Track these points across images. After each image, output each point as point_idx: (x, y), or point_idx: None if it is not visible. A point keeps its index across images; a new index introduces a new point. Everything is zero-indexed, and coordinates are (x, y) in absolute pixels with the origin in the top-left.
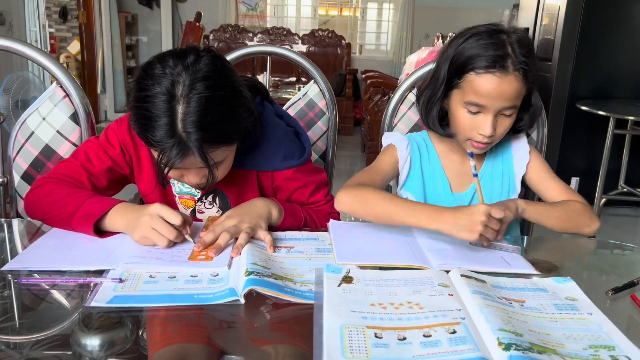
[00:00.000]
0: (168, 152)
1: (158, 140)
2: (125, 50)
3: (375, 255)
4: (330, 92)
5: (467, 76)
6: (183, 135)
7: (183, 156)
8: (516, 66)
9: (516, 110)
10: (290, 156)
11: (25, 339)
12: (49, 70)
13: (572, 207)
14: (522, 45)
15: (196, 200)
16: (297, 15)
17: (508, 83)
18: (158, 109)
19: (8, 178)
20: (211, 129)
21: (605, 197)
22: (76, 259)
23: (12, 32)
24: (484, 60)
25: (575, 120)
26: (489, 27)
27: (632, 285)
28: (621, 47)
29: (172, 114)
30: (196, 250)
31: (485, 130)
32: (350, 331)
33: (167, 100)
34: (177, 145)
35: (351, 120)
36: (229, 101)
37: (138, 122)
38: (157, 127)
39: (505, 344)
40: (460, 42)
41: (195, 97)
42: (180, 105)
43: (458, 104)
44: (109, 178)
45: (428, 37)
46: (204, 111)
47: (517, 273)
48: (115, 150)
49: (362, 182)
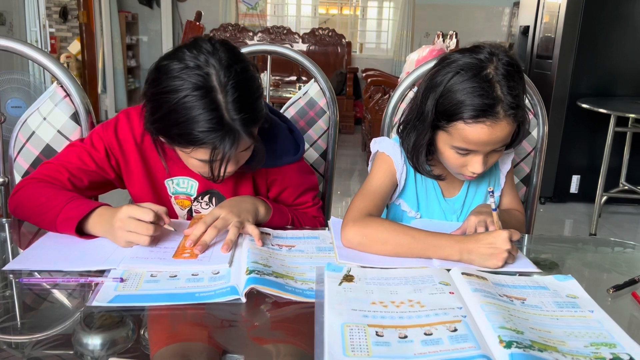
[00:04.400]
0: (220, 144)
1: (205, 138)
2: (126, 49)
3: (377, 257)
4: (331, 91)
5: (456, 124)
6: (231, 123)
7: (235, 144)
8: (507, 112)
9: (507, 144)
10: (285, 153)
11: (27, 339)
12: (49, 70)
13: (518, 219)
14: (510, 78)
15: (192, 200)
16: (297, 14)
17: (500, 130)
18: (198, 106)
19: (9, 178)
20: (252, 109)
21: (606, 195)
22: (77, 259)
23: (13, 32)
24: (472, 109)
25: (576, 118)
26: (472, 61)
27: (633, 282)
28: (622, 44)
29: (216, 105)
30: (187, 246)
31: (477, 169)
32: (351, 329)
33: (204, 94)
34: (228, 135)
35: (352, 119)
36: (255, 80)
37: (173, 129)
38: (201, 123)
39: (506, 341)
40: (445, 79)
41: (232, 83)
42: (220, 95)
43: (445, 145)
44: (90, 180)
45: (429, 35)
46: (243, 94)
47: (518, 271)
48: (100, 154)
49: (365, 211)
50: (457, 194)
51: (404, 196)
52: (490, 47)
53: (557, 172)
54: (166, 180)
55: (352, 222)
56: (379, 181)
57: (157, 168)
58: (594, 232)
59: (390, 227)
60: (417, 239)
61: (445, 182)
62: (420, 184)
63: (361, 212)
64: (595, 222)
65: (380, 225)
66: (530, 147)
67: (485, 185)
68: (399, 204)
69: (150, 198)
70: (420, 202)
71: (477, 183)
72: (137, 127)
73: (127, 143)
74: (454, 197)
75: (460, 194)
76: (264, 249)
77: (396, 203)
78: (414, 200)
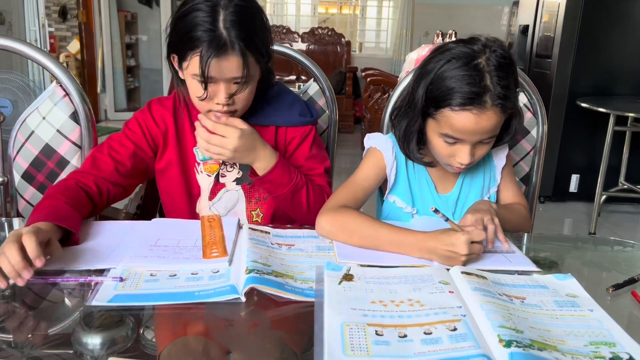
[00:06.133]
0: (208, 46)
1: (199, 37)
2: (125, 49)
3: (376, 255)
4: (330, 90)
5: (443, 111)
6: (224, 31)
7: (222, 50)
8: (495, 101)
9: (495, 137)
10: (304, 115)
11: (26, 338)
12: (48, 70)
13: (521, 213)
14: (501, 70)
15: (220, 164)
16: (296, 13)
17: (486, 119)
18: (202, 12)
19: (8, 177)
20: (248, 31)
21: (606, 194)
22: (77, 258)
23: (12, 32)
24: (460, 97)
25: (576, 117)
26: (466, 50)
27: (632, 281)
28: (621, 43)
29: (215, 16)
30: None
31: (464, 160)
32: (351, 329)
33: (209, 6)
34: (217, 39)
35: (351, 118)
36: (260, 19)
37: (181, 32)
38: (200, 27)
39: (506, 340)
40: (437, 66)
41: (233, 5)
42: (222, 10)
43: (434, 133)
44: (133, 164)
45: (428, 34)
46: (241, 15)
47: (518, 270)
48: (137, 134)
49: (342, 202)
50: (451, 190)
51: (398, 192)
52: (486, 40)
53: (557, 171)
54: (195, 147)
55: (327, 211)
56: (363, 174)
57: (187, 137)
58: (593, 231)
59: (358, 220)
60: (380, 233)
61: (439, 178)
62: (413, 180)
63: (337, 203)
64: (595, 221)
65: (349, 217)
66: (529, 146)
67: (480, 181)
68: (394, 201)
69: (177, 168)
70: (415, 198)
71: (471, 179)
72: (168, 103)
73: (161, 116)
74: (448, 194)
75: (454, 190)
76: (264, 247)
77: (390, 200)
78: (408, 196)
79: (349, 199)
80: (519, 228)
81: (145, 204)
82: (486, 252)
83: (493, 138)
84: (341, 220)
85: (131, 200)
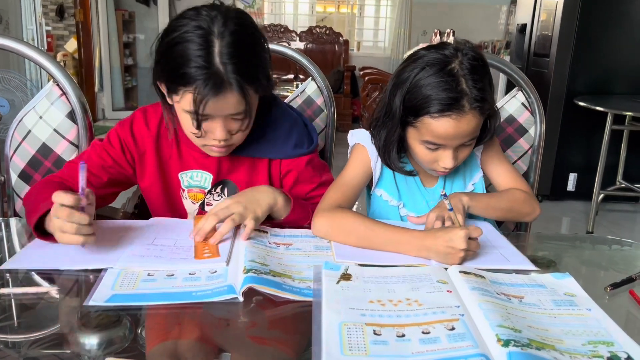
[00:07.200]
0: (203, 85)
1: (193, 75)
2: (123, 48)
3: (374, 255)
4: (328, 89)
5: (423, 119)
6: (220, 67)
7: (219, 89)
8: (473, 104)
9: (476, 138)
10: (300, 145)
11: (23, 338)
12: (45, 69)
13: (516, 197)
14: (475, 72)
15: (205, 193)
16: (294, 12)
17: (466, 123)
18: (194, 44)
19: (5, 177)
20: (246, 63)
21: (604, 193)
22: (74, 258)
23: (9, 31)
24: (438, 103)
25: (573, 116)
26: (438, 56)
27: (630, 280)
28: (619, 42)
29: (209, 49)
30: (198, 239)
31: (447, 164)
32: (349, 328)
33: (203, 34)
34: (213, 77)
35: (349, 117)
36: (258, 44)
37: (170, 64)
38: (193, 60)
39: (504, 340)
40: (411, 75)
41: (229, 32)
42: (217, 40)
43: (415, 141)
44: (109, 177)
45: (426, 33)
46: (239, 44)
47: (516, 269)
48: (116, 150)
49: (336, 203)
50: (435, 183)
51: (383, 185)
52: (456, 44)
53: (554, 170)
54: (180, 173)
55: (322, 213)
56: (352, 173)
57: (172, 162)
58: (591, 230)
59: (355, 220)
60: (377, 232)
61: (423, 171)
62: (399, 174)
63: (331, 203)
64: (593, 220)
65: (346, 217)
66: (527, 145)
67: (462, 171)
68: (380, 194)
69: (160, 191)
70: (401, 191)
71: (454, 171)
72: (153, 122)
73: (142, 137)
74: (434, 187)
75: (439, 183)
76: (262, 247)
77: (377, 194)
78: (394, 189)
79: (341, 198)
80: (517, 213)
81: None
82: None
83: (474, 140)
84: (337, 221)
85: (129, 200)
